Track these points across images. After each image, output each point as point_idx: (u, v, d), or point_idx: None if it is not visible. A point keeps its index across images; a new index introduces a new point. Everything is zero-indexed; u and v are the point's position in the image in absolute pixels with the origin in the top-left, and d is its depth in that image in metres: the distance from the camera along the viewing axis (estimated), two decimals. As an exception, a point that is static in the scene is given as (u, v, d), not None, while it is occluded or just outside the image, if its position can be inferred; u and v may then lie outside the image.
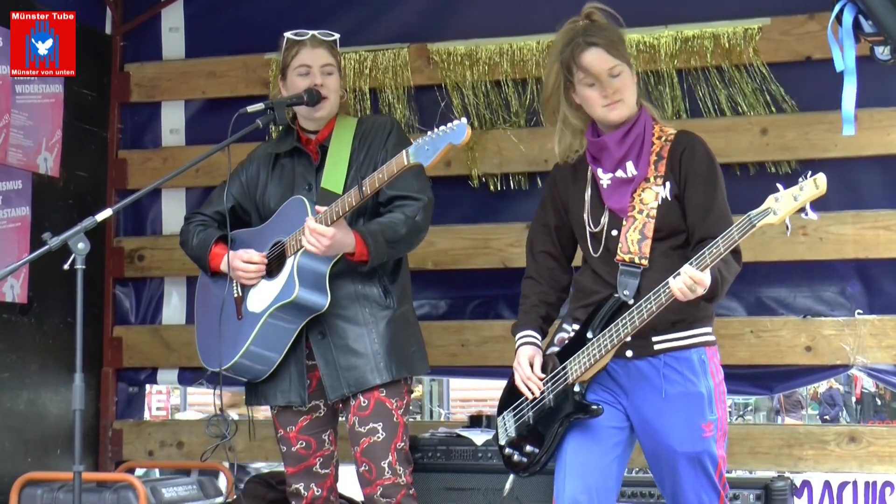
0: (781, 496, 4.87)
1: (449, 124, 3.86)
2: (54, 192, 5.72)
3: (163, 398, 22.60)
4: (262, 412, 5.30)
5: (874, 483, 5.25)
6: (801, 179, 3.46)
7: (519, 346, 4.01)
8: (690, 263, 3.56)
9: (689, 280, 3.54)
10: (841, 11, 3.47)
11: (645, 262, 3.78)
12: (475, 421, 5.35)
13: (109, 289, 6.17)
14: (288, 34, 4.40)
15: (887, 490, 5.22)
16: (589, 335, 3.80)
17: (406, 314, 4.44)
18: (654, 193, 3.82)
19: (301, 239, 4.13)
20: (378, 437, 4.26)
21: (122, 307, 6.24)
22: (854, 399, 25.86)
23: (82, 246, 3.72)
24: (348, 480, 4.64)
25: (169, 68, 6.20)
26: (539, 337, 4.01)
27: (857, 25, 3.45)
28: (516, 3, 5.74)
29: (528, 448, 3.94)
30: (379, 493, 4.25)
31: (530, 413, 3.93)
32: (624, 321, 3.70)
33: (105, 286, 6.15)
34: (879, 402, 26.31)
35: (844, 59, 3.51)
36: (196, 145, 6.05)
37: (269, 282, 4.29)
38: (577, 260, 4.09)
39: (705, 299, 3.66)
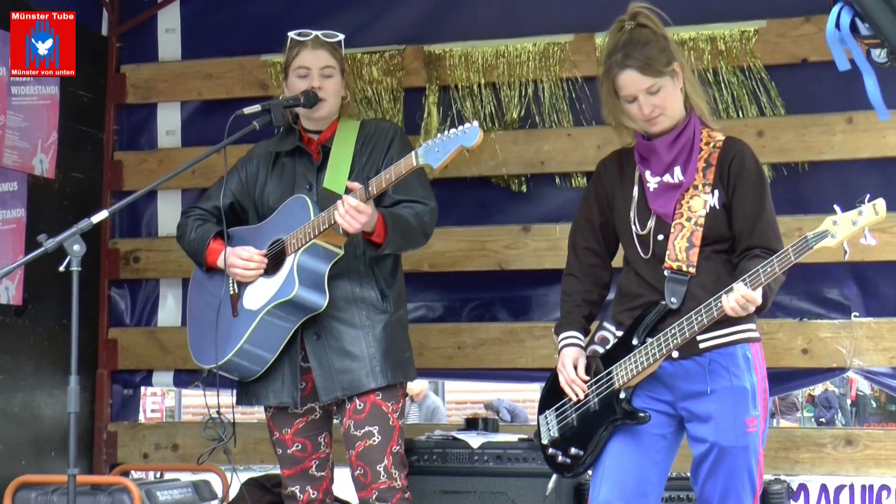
0: (778, 499, 4.86)
1: (461, 127, 3.86)
2: (50, 194, 5.71)
3: (157, 400, 22.59)
4: (257, 416, 5.28)
5: (871, 486, 5.24)
6: (858, 203, 3.47)
7: (563, 348, 4.03)
8: (744, 282, 3.60)
9: (743, 299, 3.60)
10: (839, 15, 3.47)
11: (692, 269, 3.81)
12: (471, 423, 5.34)
13: (105, 290, 6.16)
14: (291, 34, 4.41)
15: (884, 493, 5.22)
16: (634, 341, 3.84)
17: (402, 319, 4.44)
18: (703, 201, 3.84)
19: (328, 218, 4.09)
20: (374, 441, 4.26)
21: (118, 309, 6.23)
22: (849, 401, 25.88)
23: (78, 248, 3.72)
24: (343, 483, 4.64)
25: (165, 70, 6.19)
26: (582, 338, 4.04)
27: (853, 28, 3.45)
28: (513, 5, 5.74)
29: (574, 450, 3.97)
30: (374, 496, 4.25)
31: (574, 415, 3.96)
32: (673, 331, 3.73)
33: (100, 288, 6.14)
34: (874, 405, 26.34)
35: (855, 58, 3.50)
36: (192, 147, 6.03)
37: (267, 279, 4.28)
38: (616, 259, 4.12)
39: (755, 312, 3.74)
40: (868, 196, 3.50)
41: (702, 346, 3.79)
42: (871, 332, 5.17)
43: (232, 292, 4.35)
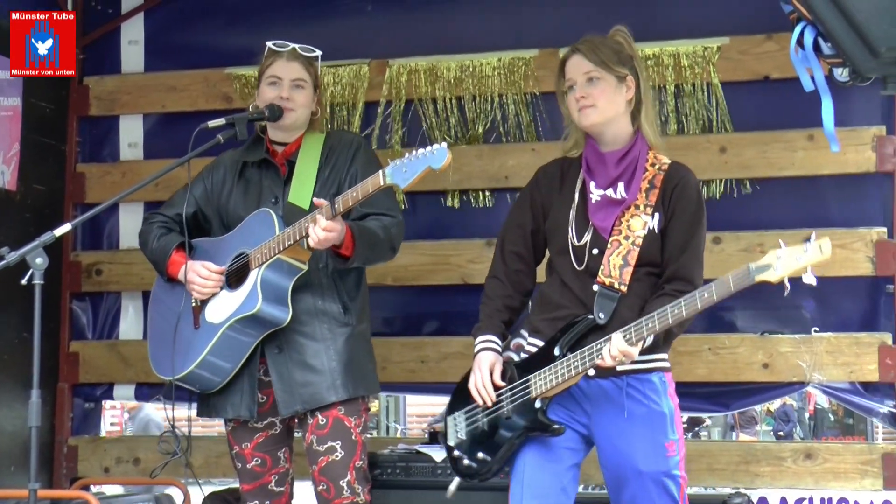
0: (739, 512, 4.89)
1: (429, 147, 3.85)
2: (11, 206, 5.68)
3: (117, 413, 22.44)
4: (218, 429, 5.26)
5: (829, 499, 5.28)
6: (805, 242, 3.45)
7: (479, 351, 3.99)
8: (624, 334, 3.64)
9: (620, 354, 3.63)
10: (801, 34, 3.50)
11: (624, 288, 3.80)
12: (434, 437, 5.35)
13: (66, 303, 6.13)
14: (269, 43, 4.43)
15: (842, 506, 5.26)
16: (556, 352, 3.81)
17: (364, 332, 4.43)
18: (643, 222, 3.84)
19: (293, 233, 4.09)
20: (336, 456, 4.25)
21: (79, 322, 6.20)
22: (807, 415, 26.05)
23: (41, 261, 3.70)
24: (303, 498, 4.63)
25: (128, 82, 6.17)
26: (500, 343, 4.00)
27: (815, 47, 3.48)
28: (477, 20, 5.76)
29: (481, 455, 3.94)
30: (338, 511, 4.25)
31: (485, 419, 3.93)
32: (599, 346, 3.70)
33: (62, 301, 6.10)
34: (832, 418, 26.52)
35: (815, 79, 3.53)
36: (154, 159, 6.01)
37: (230, 293, 4.27)
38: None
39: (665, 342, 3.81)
40: (814, 234, 3.52)
41: (619, 368, 3.77)
42: (830, 346, 5.20)
43: (194, 304, 4.34)
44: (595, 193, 3.90)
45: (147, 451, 6.04)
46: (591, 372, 3.78)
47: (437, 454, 5.04)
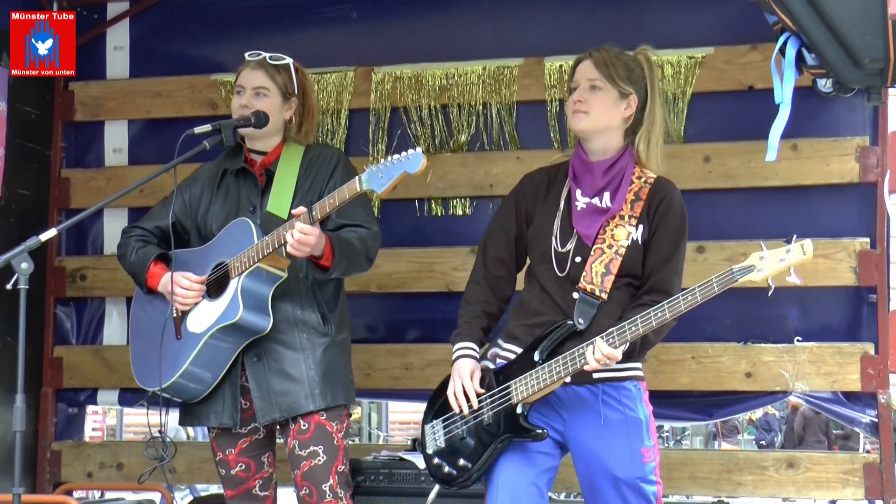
0: (722, 521, 4.91)
1: (404, 153, 3.86)
2: (-5, 211, 5.68)
3: (99, 419, 22.36)
4: (203, 433, 5.26)
5: (811, 508, 5.31)
6: (787, 243, 3.52)
7: (458, 358, 3.99)
8: (606, 338, 3.68)
9: (603, 358, 3.67)
10: (784, 44, 3.52)
11: (604, 296, 3.83)
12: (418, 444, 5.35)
13: (50, 308, 6.11)
14: (246, 54, 4.44)
15: (824, 515, 5.29)
16: (536, 357, 3.82)
17: (344, 342, 4.44)
18: (627, 232, 3.87)
19: (271, 241, 4.09)
20: (319, 461, 4.26)
21: (63, 327, 6.18)
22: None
23: (26, 266, 3.69)
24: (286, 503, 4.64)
25: (114, 87, 6.16)
26: (478, 350, 4.01)
27: (800, 58, 3.50)
28: (462, 28, 5.77)
29: (461, 462, 3.93)
30: (321, 516, 4.25)
31: (464, 427, 3.93)
32: (581, 351, 3.72)
33: (46, 306, 6.09)
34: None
35: (783, 90, 3.56)
36: (139, 165, 6.01)
37: (210, 302, 4.27)
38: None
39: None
40: (795, 235, 3.55)
41: (595, 375, 3.79)
42: (813, 356, 5.22)
43: (175, 315, 4.34)
44: (581, 201, 3.92)
45: (130, 457, 6.03)
46: (568, 379, 3.79)
47: (421, 461, 5.04)
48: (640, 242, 3.88)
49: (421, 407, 4.22)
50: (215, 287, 4.29)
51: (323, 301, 4.36)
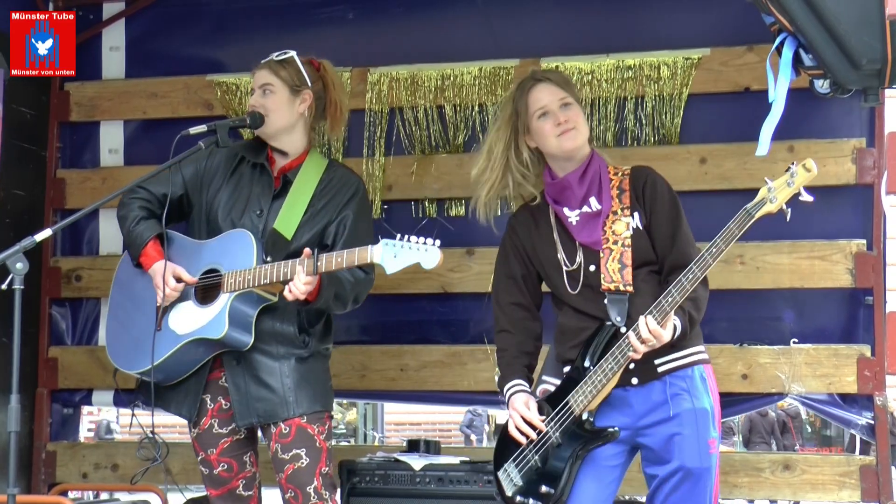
0: (717, 523, 4.90)
1: (425, 244, 3.91)
2: (-9, 211, 5.67)
3: (94, 419, 22.34)
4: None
5: (807, 510, 5.30)
6: (789, 167, 3.61)
7: (511, 395, 3.99)
8: (651, 315, 3.69)
9: (650, 336, 3.69)
10: (781, 44, 3.52)
11: (630, 288, 3.85)
12: (413, 445, 5.34)
13: (45, 309, 6.10)
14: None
15: (820, 517, 5.28)
16: (587, 364, 3.83)
17: (324, 352, 4.45)
18: (625, 224, 3.91)
19: (271, 274, 4.11)
20: (302, 464, 4.26)
21: (59, 328, 6.17)
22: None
23: (21, 266, 3.69)
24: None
25: (109, 88, 6.15)
26: (528, 385, 4.02)
27: (797, 59, 3.50)
28: (458, 29, 5.77)
29: (543, 489, 3.91)
30: (306, 518, 4.25)
31: (535, 457, 3.92)
32: (621, 347, 3.75)
33: (41, 306, 6.08)
34: (810, 430, 26.52)
35: (777, 88, 3.56)
36: (135, 165, 6.00)
37: (197, 307, 4.28)
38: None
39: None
40: (794, 162, 3.59)
41: (660, 369, 3.83)
42: (809, 358, 5.22)
43: (159, 303, 4.33)
44: (572, 216, 3.97)
45: (125, 458, 6.02)
46: (635, 381, 3.84)
47: (416, 462, 5.04)
48: (641, 228, 3.92)
49: (417, 408, 4.24)
50: (203, 293, 4.29)
51: (304, 317, 4.35)
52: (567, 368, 3.95)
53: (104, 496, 5.84)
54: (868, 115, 5.20)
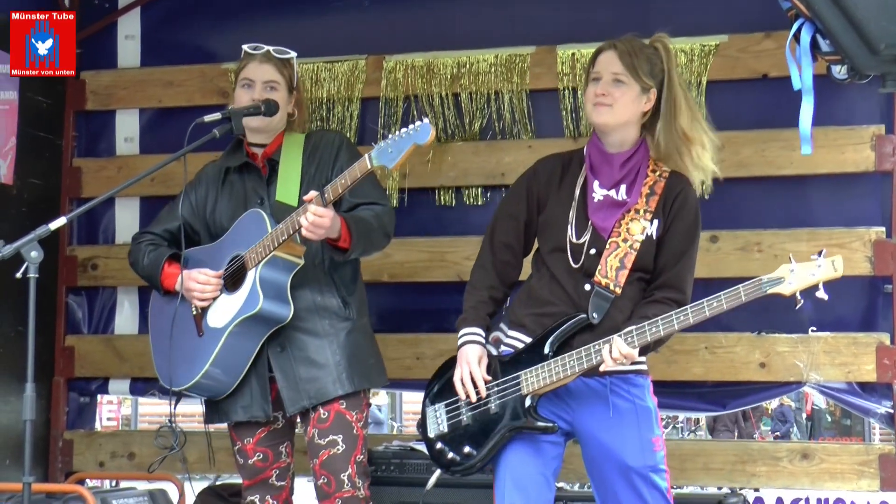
0: (734, 512, 4.89)
1: (412, 125, 3.83)
2: (7, 200, 5.68)
3: (114, 408, 22.44)
4: (214, 424, 5.26)
5: (826, 500, 5.28)
6: (814, 257, 3.55)
7: (465, 343, 3.97)
8: (625, 338, 3.67)
9: (620, 356, 3.66)
10: (799, 30, 3.48)
11: (618, 290, 3.82)
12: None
13: (62, 297, 6.12)
14: (245, 46, 4.42)
15: (838, 506, 5.26)
16: (546, 350, 3.80)
17: (365, 326, 4.43)
18: (642, 227, 3.85)
19: (286, 228, 4.07)
20: (338, 450, 4.25)
21: (75, 316, 6.19)
22: (805, 415, 26.01)
23: (35, 254, 3.69)
24: (302, 494, 4.62)
25: (125, 76, 6.16)
26: (485, 336, 3.98)
27: (814, 44, 3.47)
28: (474, 16, 5.75)
29: (466, 449, 3.91)
30: (338, 505, 4.24)
31: (468, 413, 3.92)
32: (597, 347, 3.71)
33: (57, 295, 6.10)
34: (829, 419, 26.49)
35: (802, 77, 3.52)
36: (150, 154, 6.01)
37: (229, 296, 4.26)
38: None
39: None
40: (824, 251, 3.54)
41: (602, 368, 3.76)
42: (827, 346, 5.20)
43: (195, 312, 4.32)
44: (598, 193, 3.89)
45: (142, 446, 6.04)
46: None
47: (432, 451, 5.03)
48: (654, 238, 3.86)
49: (434, 398, 4.18)
50: (232, 281, 4.27)
51: (342, 285, 4.35)
52: (524, 339, 3.90)
53: (122, 485, 5.84)
54: (887, 101, 5.17)
